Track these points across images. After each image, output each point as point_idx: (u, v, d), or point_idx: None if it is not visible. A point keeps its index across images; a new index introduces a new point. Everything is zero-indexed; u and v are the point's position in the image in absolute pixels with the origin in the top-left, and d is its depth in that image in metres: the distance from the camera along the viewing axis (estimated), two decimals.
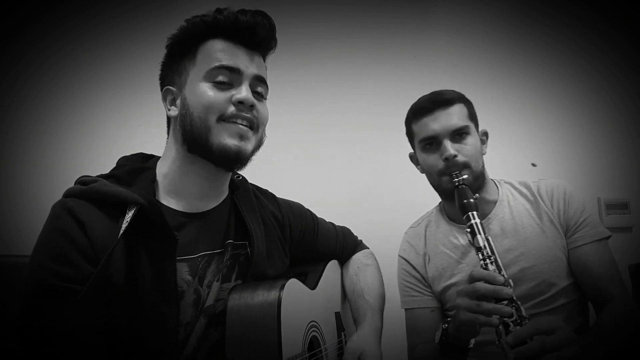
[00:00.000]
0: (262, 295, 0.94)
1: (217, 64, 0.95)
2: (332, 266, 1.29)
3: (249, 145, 0.97)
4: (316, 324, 1.10)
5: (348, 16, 2.19)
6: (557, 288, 1.25)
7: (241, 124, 0.95)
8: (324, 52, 2.17)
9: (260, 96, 1.00)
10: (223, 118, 0.94)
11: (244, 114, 0.95)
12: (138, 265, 0.87)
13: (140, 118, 2.01)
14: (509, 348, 0.90)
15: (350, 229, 1.41)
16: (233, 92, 0.95)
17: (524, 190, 1.38)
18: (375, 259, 1.37)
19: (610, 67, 2.18)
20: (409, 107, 1.41)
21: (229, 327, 0.92)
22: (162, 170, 1.01)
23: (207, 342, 0.98)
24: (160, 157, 1.06)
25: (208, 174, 1.00)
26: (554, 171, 2.09)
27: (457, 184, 1.22)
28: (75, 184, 0.96)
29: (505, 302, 0.97)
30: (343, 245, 1.33)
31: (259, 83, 1.00)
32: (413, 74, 2.16)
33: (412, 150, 1.45)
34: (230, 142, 0.94)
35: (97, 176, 0.99)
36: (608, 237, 1.29)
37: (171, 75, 1.01)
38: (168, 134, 1.05)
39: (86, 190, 0.90)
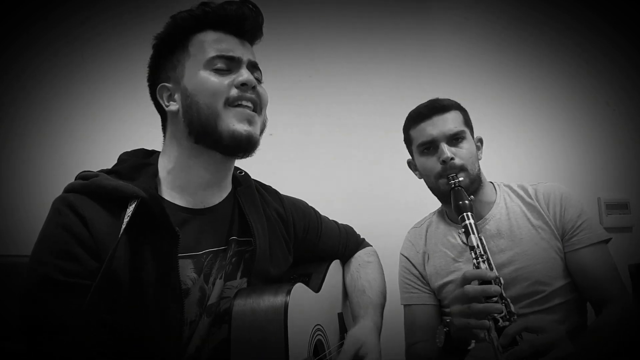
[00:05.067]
0: (269, 301, 0.93)
1: (215, 53, 0.96)
2: (335, 266, 1.28)
3: (257, 129, 0.98)
4: (321, 327, 1.09)
5: (344, 16, 2.16)
6: (552, 288, 1.27)
7: (246, 106, 0.96)
8: (323, 53, 2.14)
9: (257, 81, 1.01)
10: (229, 102, 0.94)
11: (247, 94, 0.96)
12: (141, 261, 0.87)
13: (143, 115, 1.97)
14: (498, 344, 0.96)
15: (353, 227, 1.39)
16: (233, 76, 0.96)
17: (521, 193, 1.41)
18: (377, 257, 1.36)
19: (611, 67, 2.19)
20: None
21: (235, 331, 0.91)
22: (165, 165, 1.00)
23: (211, 342, 0.96)
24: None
25: (214, 166, 1.00)
26: (554, 171, 2.10)
27: (453, 185, 1.25)
28: (76, 179, 0.94)
29: (496, 299, 1.02)
30: (346, 243, 1.32)
31: (254, 69, 1.02)
32: (414, 75, 2.14)
33: (409, 157, 1.49)
34: (240, 127, 0.94)
35: (99, 171, 0.96)
36: (607, 240, 1.30)
37: (163, 72, 1.01)
38: (164, 132, 1.04)
39: (87, 185, 0.89)
